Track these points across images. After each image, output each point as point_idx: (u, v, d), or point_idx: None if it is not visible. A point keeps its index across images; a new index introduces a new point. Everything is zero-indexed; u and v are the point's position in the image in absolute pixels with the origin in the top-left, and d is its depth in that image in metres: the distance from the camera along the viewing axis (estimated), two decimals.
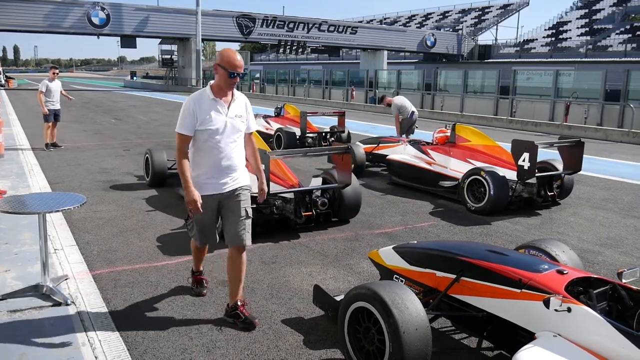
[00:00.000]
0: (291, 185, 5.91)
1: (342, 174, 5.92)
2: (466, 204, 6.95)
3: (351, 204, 6.12)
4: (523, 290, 2.78)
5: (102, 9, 37.09)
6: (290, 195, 5.79)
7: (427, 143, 8.63)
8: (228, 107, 3.46)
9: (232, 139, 3.49)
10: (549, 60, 42.00)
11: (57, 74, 11.66)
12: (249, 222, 3.58)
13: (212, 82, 3.48)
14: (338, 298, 3.49)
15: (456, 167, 7.62)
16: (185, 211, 3.49)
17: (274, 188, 5.75)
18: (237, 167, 3.56)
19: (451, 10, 66.06)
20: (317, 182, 6.23)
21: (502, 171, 6.87)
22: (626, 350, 2.31)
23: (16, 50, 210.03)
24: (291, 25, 44.88)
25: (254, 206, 5.59)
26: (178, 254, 5.03)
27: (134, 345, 3.32)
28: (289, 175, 6.05)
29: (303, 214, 5.70)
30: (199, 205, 3.35)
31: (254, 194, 3.90)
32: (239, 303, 3.61)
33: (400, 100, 10.99)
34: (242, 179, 3.60)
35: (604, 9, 48.62)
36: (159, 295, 4.09)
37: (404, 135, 10.52)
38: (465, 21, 59.59)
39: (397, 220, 6.43)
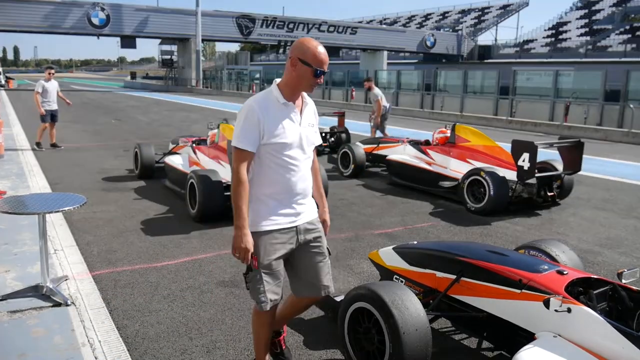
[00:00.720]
0: None
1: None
2: (466, 204, 6.95)
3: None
4: (523, 290, 2.78)
5: (102, 10, 37.13)
6: None
7: (427, 143, 8.63)
8: (301, 114, 2.69)
9: (307, 154, 2.72)
10: (548, 60, 42.01)
11: (53, 74, 11.65)
12: (329, 263, 2.85)
13: (278, 80, 2.69)
14: (338, 299, 3.48)
15: (456, 168, 7.62)
16: (246, 260, 2.65)
17: None
18: (310, 191, 2.80)
19: (451, 11, 66.10)
20: None
21: (502, 171, 6.87)
22: (626, 351, 2.32)
23: (16, 50, 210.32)
24: (291, 26, 44.92)
25: (228, 193, 5.82)
26: (178, 254, 5.04)
27: (134, 346, 3.32)
28: None
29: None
30: (250, 256, 2.58)
31: None
32: (281, 331, 3.12)
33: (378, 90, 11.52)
34: (314, 206, 2.85)
35: (603, 9, 48.66)
36: (159, 295, 4.09)
37: (385, 132, 10.57)
38: (465, 21, 59.63)
39: (397, 221, 6.43)
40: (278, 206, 2.66)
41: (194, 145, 7.91)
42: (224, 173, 6.46)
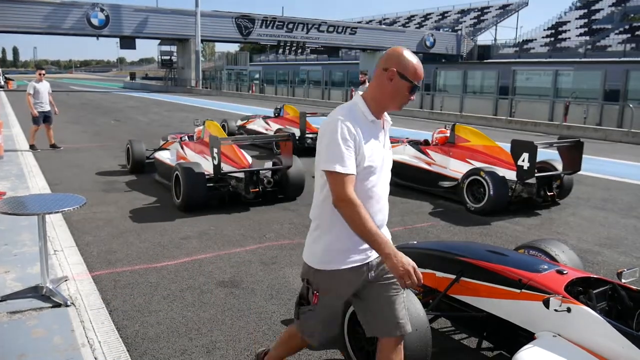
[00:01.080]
0: (242, 166, 6.90)
1: (286, 158, 7.08)
2: (466, 204, 6.95)
3: (295, 183, 7.21)
4: (523, 290, 2.78)
5: (102, 10, 37.11)
6: (242, 175, 6.83)
7: (427, 143, 8.63)
8: (384, 134, 2.37)
9: (387, 180, 2.39)
10: (548, 60, 41.99)
11: (44, 74, 11.62)
12: (404, 296, 2.48)
13: (362, 92, 2.31)
14: None
15: (456, 168, 7.62)
16: (304, 296, 2.40)
17: (227, 168, 6.84)
18: (386, 222, 2.43)
19: (450, 11, 66.10)
20: (268, 165, 7.29)
21: (501, 171, 6.88)
22: (626, 350, 2.32)
23: (15, 51, 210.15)
24: (290, 26, 44.89)
25: (211, 184, 6.81)
26: (178, 255, 5.04)
27: (134, 346, 3.32)
28: (242, 158, 7.05)
29: (251, 190, 6.79)
30: (408, 273, 2.10)
31: None
32: None
33: None
34: (389, 235, 2.40)
35: (603, 9, 48.66)
36: (159, 296, 4.09)
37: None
38: (465, 21, 59.62)
39: (397, 221, 6.43)
40: (354, 242, 2.25)
41: (181, 141, 8.37)
42: (207, 166, 6.95)
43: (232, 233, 5.76)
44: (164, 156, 8.37)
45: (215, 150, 6.57)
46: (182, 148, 8.15)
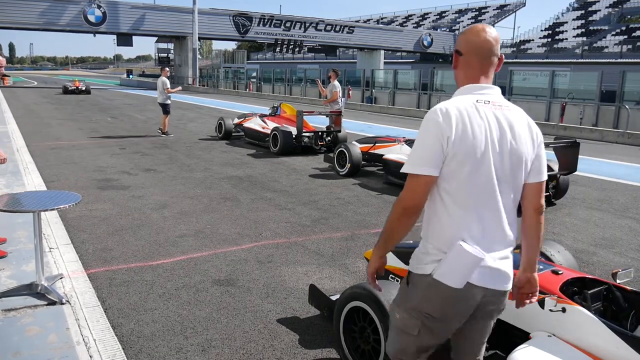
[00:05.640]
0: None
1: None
2: None
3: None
4: None
5: (98, 7, 37.01)
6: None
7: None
8: None
9: None
10: (545, 60, 42.11)
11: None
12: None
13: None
14: (334, 298, 3.49)
15: None
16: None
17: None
18: None
19: (448, 11, 66.19)
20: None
21: None
22: (620, 351, 2.32)
23: (11, 47, 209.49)
24: (288, 25, 44.86)
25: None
26: (173, 253, 5.03)
27: (129, 344, 3.31)
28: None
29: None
30: None
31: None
32: None
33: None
34: None
35: (600, 10, 48.82)
36: (155, 294, 4.08)
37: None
38: (462, 21, 59.71)
39: None
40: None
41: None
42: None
43: (228, 231, 5.75)
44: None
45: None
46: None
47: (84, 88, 33.32)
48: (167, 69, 14.73)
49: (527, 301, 2.11)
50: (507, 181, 1.93)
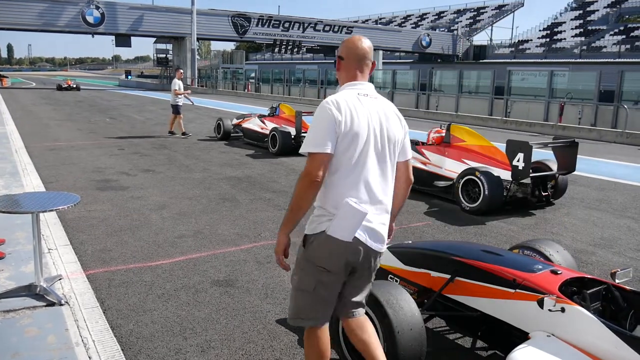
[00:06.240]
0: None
1: None
2: (461, 204, 6.96)
3: None
4: (517, 290, 2.79)
5: (97, 8, 36.97)
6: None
7: (422, 143, 8.64)
8: None
9: None
10: (543, 60, 42.18)
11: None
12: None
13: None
14: None
15: (451, 167, 7.63)
16: None
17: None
18: None
19: (446, 11, 66.22)
20: None
21: (496, 171, 6.89)
22: (619, 350, 2.33)
23: (10, 48, 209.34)
24: (286, 25, 44.85)
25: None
26: (172, 253, 5.02)
27: (128, 345, 3.31)
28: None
29: None
30: None
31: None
32: None
33: None
34: None
35: (598, 10, 48.90)
36: (153, 295, 4.08)
37: None
38: (461, 21, 59.74)
39: None
40: None
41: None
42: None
43: (227, 232, 5.75)
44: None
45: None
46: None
47: (74, 85, 40.52)
48: (182, 70, 14.86)
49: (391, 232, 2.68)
50: (385, 158, 2.41)
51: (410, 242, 4.10)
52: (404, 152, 2.53)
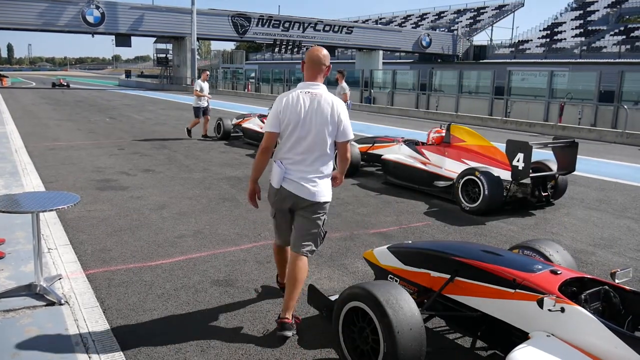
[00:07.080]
0: None
1: None
2: (460, 204, 6.96)
3: None
4: (517, 290, 2.79)
5: (97, 7, 36.95)
6: None
7: (422, 143, 8.64)
8: None
9: None
10: (543, 61, 42.18)
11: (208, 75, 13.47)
12: None
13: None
14: (332, 298, 3.49)
15: (451, 167, 7.64)
16: None
17: None
18: None
19: (446, 11, 66.21)
20: None
21: (496, 171, 6.89)
22: (619, 350, 2.33)
23: (10, 48, 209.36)
24: (287, 25, 44.85)
25: None
26: (172, 253, 5.02)
27: (128, 345, 3.31)
28: None
29: None
30: None
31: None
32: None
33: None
34: None
35: (598, 10, 48.89)
36: (153, 295, 4.08)
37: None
38: (461, 22, 59.73)
39: (392, 220, 6.44)
40: None
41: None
42: None
43: (227, 232, 5.75)
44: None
45: None
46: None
47: (65, 84, 47.61)
48: (208, 72, 14.39)
49: (337, 183, 3.73)
50: (314, 135, 3.35)
51: (410, 242, 4.11)
52: (343, 134, 3.43)
